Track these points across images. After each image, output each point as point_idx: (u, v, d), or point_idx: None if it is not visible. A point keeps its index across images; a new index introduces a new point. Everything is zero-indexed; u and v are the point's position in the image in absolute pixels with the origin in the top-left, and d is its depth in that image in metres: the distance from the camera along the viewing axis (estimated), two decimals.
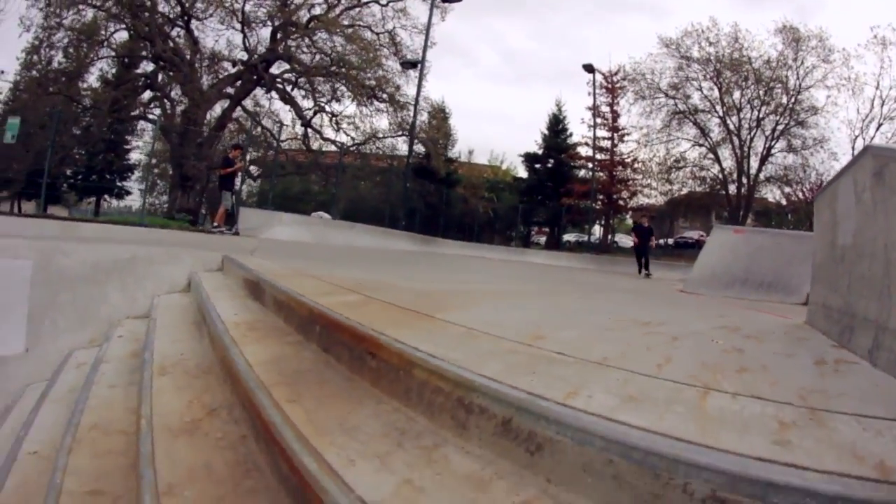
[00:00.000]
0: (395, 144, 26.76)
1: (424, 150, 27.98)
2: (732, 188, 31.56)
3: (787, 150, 30.55)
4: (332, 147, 25.60)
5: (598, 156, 33.44)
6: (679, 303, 6.26)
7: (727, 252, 9.69)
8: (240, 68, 23.50)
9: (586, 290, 7.08)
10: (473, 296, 4.63)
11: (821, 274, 3.54)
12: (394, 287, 4.49)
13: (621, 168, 33.36)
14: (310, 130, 24.92)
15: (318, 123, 25.18)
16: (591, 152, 33.45)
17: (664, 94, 32.20)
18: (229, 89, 23.65)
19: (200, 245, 7.60)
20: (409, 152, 26.50)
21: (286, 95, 24.19)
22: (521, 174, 38.51)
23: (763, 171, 31.16)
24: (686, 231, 36.58)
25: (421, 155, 28.37)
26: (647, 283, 12.62)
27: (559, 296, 5.63)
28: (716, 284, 8.87)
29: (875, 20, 37.46)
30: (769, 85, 29.75)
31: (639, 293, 7.86)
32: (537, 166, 36.37)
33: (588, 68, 32.18)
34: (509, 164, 41.18)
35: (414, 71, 25.09)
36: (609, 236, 35.02)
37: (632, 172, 33.63)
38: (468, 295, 4.65)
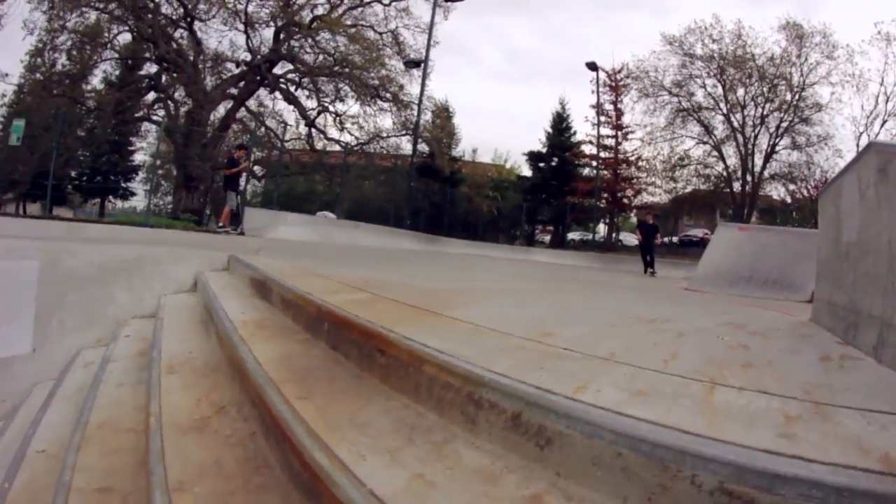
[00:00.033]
0: (399, 144, 26.76)
1: (428, 150, 27.92)
2: (737, 186, 31.43)
3: (792, 148, 30.38)
4: (337, 147, 25.62)
5: (603, 154, 33.36)
6: (684, 300, 6.26)
7: (732, 250, 9.67)
8: (243, 69, 23.50)
9: (591, 288, 7.08)
10: (479, 294, 4.64)
11: (825, 271, 3.54)
12: (400, 285, 4.51)
13: (625, 166, 33.27)
14: (314, 130, 24.92)
15: (321, 123, 25.16)
16: (596, 150, 33.39)
17: (668, 91, 32.11)
18: (233, 90, 23.65)
19: (206, 245, 7.64)
20: (414, 151, 26.48)
21: (290, 95, 24.19)
22: (526, 173, 38.38)
23: (767, 169, 31.03)
24: (690, 229, 36.46)
25: (425, 154, 28.32)
26: (652, 282, 12.60)
27: (564, 293, 5.64)
28: (721, 282, 8.85)
29: (879, 16, 37.17)
30: (773, 82, 29.59)
31: (644, 291, 7.86)
32: (541, 165, 36.22)
33: (591, 66, 32.12)
34: (513, 162, 41.10)
35: (417, 70, 25.09)
36: (613, 235, 34.95)
37: (636, 170, 33.56)
38: (474, 293, 4.66)
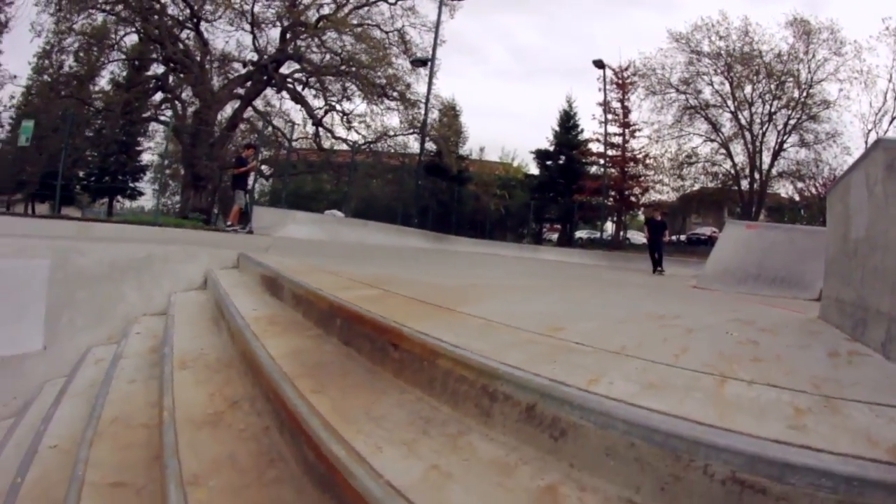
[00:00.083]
0: (406, 142, 26.73)
1: (436, 148, 27.94)
2: (745, 184, 31.23)
3: (800, 145, 30.14)
4: (344, 146, 25.68)
5: (610, 152, 33.25)
6: (692, 298, 6.26)
7: (740, 248, 9.63)
8: (250, 69, 23.58)
9: (600, 286, 7.10)
10: (489, 290, 4.66)
11: (834, 268, 3.54)
12: (410, 282, 4.54)
13: (633, 164, 33.11)
14: (321, 129, 24.98)
15: (329, 122, 25.24)
16: (603, 148, 33.29)
17: (675, 89, 31.92)
18: (240, 90, 23.72)
19: (215, 243, 7.69)
20: (421, 150, 26.50)
21: (297, 95, 24.24)
22: (533, 171, 38.24)
23: (775, 167, 30.80)
24: (698, 227, 36.24)
25: (432, 153, 28.34)
26: (660, 279, 12.57)
27: (573, 291, 5.65)
28: (729, 280, 8.83)
29: (887, 11, 36.80)
30: (780, 79, 29.39)
31: (652, 288, 7.86)
32: (549, 163, 36.09)
33: (598, 64, 32.04)
34: (521, 161, 40.91)
35: (424, 69, 25.07)
36: (621, 233, 34.85)
37: (643, 168, 33.38)
38: (484, 289, 4.68)
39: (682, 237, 34.22)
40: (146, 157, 34.25)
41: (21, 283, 4.41)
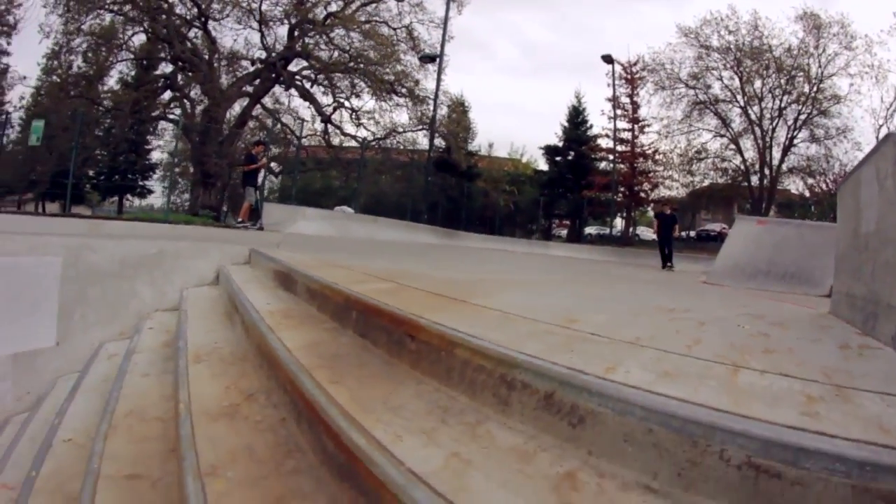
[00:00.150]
0: (415, 138, 26.80)
1: (445, 144, 27.96)
2: (755, 179, 31.05)
3: (810, 141, 29.91)
4: (353, 142, 25.73)
5: (619, 147, 33.14)
6: (703, 293, 6.25)
7: (750, 243, 9.57)
8: (258, 66, 23.69)
9: (611, 281, 7.10)
10: (502, 284, 4.69)
11: (844, 263, 3.53)
12: (423, 276, 4.56)
13: (642, 160, 32.98)
14: (330, 126, 25.06)
15: (337, 119, 25.32)
16: (612, 144, 33.16)
17: (684, 84, 31.76)
18: (248, 87, 23.84)
19: (226, 240, 7.73)
20: (430, 146, 26.49)
21: (305, 92, 24.33)
22: (542, 167, 38.09)
23: (785, 162, 30.58)
24: (708, 224, 36.06)
25: (441, 149, 28.36)
26: (670, 275, 12.53)
27: (585, 285, 5.66)
28: (739, 276, 8.79)
29: None
30: (790, 73, 29.14)
31: (662, 284, 7.86)
32: (558, 159, 35.91)
33: (607, 59, 31.91)
34: (530, 156, 40.81)
35: (432, 65, 25.08)
36: (631, 229, 34.73)
37: (653, 164, 33.24)
38: (497, 283, 4.71)
39: (692, 233, 34.07)
40: (155, 156, 34.59)
41: (34, 280, 4.42)
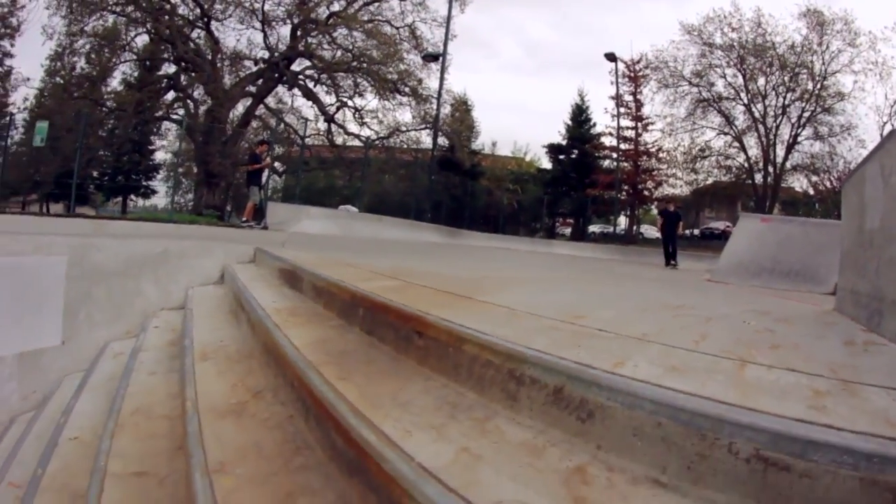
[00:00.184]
0: (418, 137, 26.87)
1: (448, 143, 27.99)
2: (758, 177, 30.99)
3: (814, 138, 29.88)
4: (356, 141, 25.79)
5: (623, 146, 33.08)
6: (708, 290, 6.25)
7: (754, 241, 9.55)
8: (261, 66, 23.75)
9: (615, 278, 7.09)
10: (507, 282, 4.69)
11: (849, 259, 3.52)
12: (429, 274, 4.55)
13: (646, 158, 32.91)
14: (333, 125, 25.11)
15: (341, 118, 25.38)
16: (616, 142, 33.13)
17: (687, 81, 31.75)
18: (252, 87, 23.92)
19: (230, 239, 7.74)
20: (434, 145, 26.52)
21: (308, 91, 24.38)
22: (546, 165, 38.16)
23: (789, 160, 30.55)
24: (712, 222, 36.03)
25: (445, 147, 28.38)
26: (674, 273, 12.52)
27: (589, 283, 5.65)
28: (743, 273, 8.78)
29: None
30: (794, 71, 29.09)
31: (666, 281, 7.85)
32: (561, 157, 35.94)
33: (610, 57, 31.86)
34: (533, 155, 40.83)
35: (435, 64, 25.11)
36: (634, 227, 34.70)
37: (656, 162, 33.18)
38: (502, 281, 4.71)
39: (696, 232, 34.02)
40: (159, 156, 34.62)
41: (39, 279, 4.44)
